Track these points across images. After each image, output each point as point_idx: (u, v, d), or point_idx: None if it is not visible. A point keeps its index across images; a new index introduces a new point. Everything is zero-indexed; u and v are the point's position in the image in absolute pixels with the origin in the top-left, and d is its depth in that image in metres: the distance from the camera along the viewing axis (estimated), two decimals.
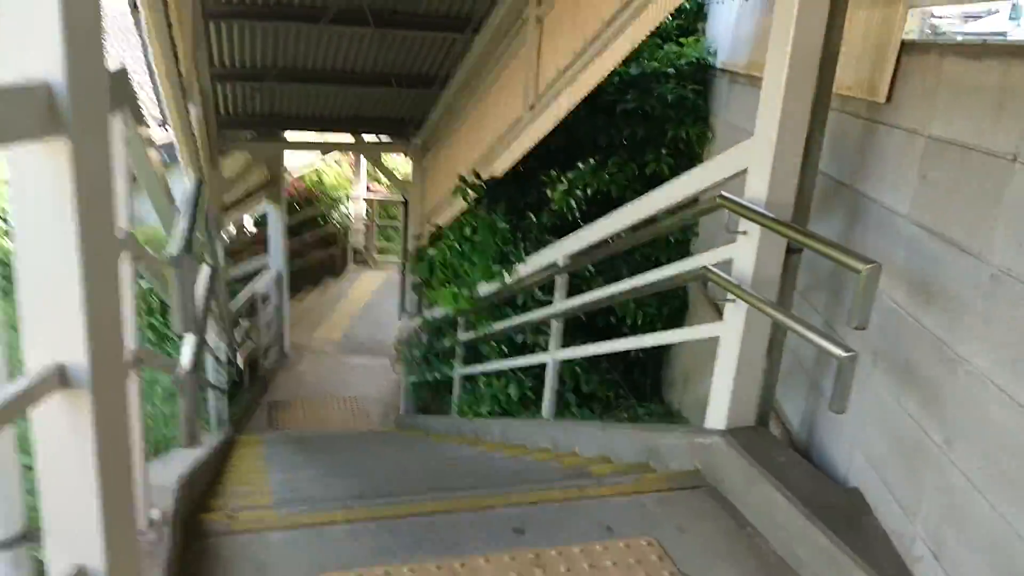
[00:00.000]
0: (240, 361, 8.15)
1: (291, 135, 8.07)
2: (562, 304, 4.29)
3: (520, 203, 5.81)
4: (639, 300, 5.19)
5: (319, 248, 14.46)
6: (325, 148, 8.79)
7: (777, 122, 2.48)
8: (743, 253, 2.70)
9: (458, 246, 5.78)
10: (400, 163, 16.25)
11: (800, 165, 2.57)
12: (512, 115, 5.14)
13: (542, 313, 4.70)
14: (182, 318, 1.58)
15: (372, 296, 13.21)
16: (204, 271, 3.49)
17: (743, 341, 2.71)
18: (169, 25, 3.31)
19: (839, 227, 2.99)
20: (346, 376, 10.16)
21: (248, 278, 11.13)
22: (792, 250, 2.70)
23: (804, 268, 2.82)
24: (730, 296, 2.73)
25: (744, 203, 2.59)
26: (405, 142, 7.64)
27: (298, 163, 14.66)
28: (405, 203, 8.28)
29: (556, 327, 4.41)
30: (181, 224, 1.76)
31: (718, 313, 4.72)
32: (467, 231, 5.72)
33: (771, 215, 2.51)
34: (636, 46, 3.74)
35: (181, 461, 3.49)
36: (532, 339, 5.53)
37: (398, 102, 7.12)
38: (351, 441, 6.45)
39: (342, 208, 14.94)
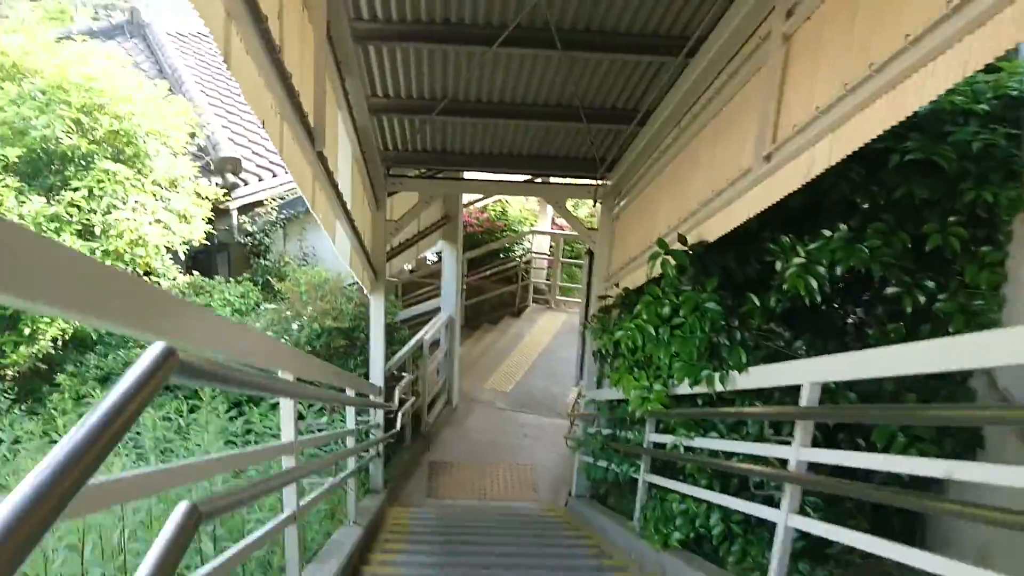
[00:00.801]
0: (400, 420, 7.37)
1: (467, 173, 7.21)
2: (804, 454, 2.90)
3: (738, 277, 4.45)
4: (912, 432, 3.65)
5: (499, 284, 13.73)
6: (502, 189, 7.75)
7: None
8: None
9: (653, 330, 4.51)
10: (587, 206, 15.15)
11: None
12: (736, 165, 3.82)
13: (771, 454, 3.32)
14: None
15: (551, 340, 12.20)
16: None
17: None
18: (275, 49, 2.37)
19: None
20: (516, 437, 9.16)
21: (419, 319, 10.53)
22: None
23: None
24: None
25: None
26: (593, 185, 6.49)
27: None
28: (590, 254, 7.14)
29: (792, 487, 3.02)
30: None
31: None
32: (665, 310, 4.44)
33: None
34: (965, 77, 2.34)
35: None
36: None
37: (587, 139, 6.01)
38: (505, 545, 5.35)
39: (525, 242, 14.13)
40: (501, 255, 13.98)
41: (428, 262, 14.16)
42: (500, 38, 4.23)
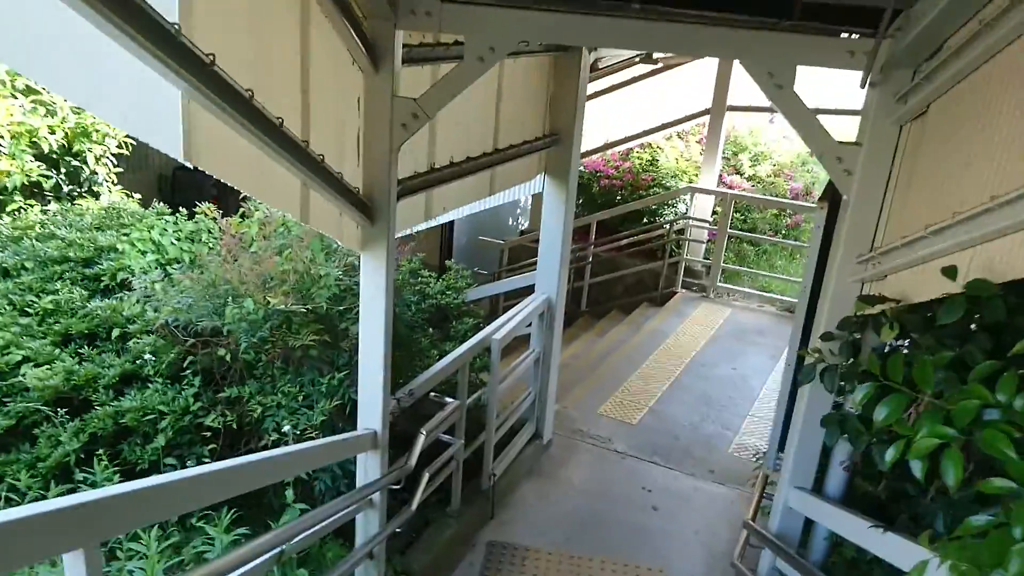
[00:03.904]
0: (420, 492, 3.95)
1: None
2: None
3: None
4: None
5: (639, 258, 10.00)
6: (665, 42, 3.46)
7: None
8: None
9: None
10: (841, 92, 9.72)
11: None
12: None
13: None
14: None
15: (706, 347, 8.35)
16: None
17: None
18: None
19: None
20: (639, 508, 5.52)
21: (511, 297, 7.11)
22: None
23: None
24: None
25: None
26: (870, 41, 2.71)
27: (619, 122, 10.22)
28: (831, 201, 3.29)
29: None
30: None
31: None
32: None
33: None
34: None
35: None
36: None
37: None
38: None
39: (680, 204, 10.25)
40: (645, 220, 10.20)
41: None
42: None
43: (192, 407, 3.64)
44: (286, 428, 3.36)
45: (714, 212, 10.12)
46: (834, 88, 8.43)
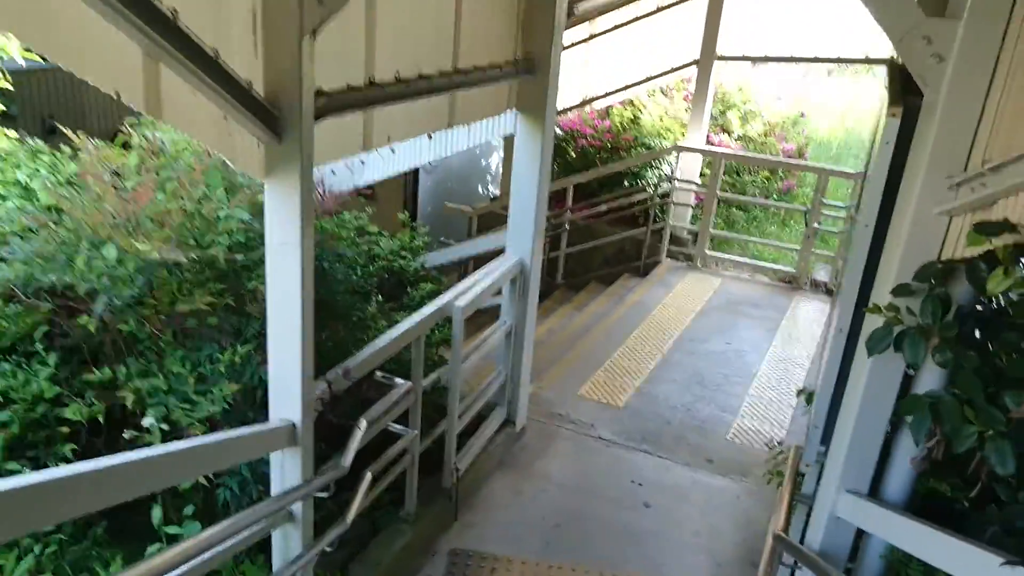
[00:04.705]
0: (359, 499, 3.09)
1: None
2: None
3: None
4: None
5: (619, 225, 9.17)
6: None
7: None
8: None
9: None
10: None
11: None
12: None
13: None
14: None
15: (696, 320, 7.55)
16: None
17: None
18: None
19: None
20: (629, 505, 4.73)
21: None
22: None
23: None
24: None
25: None
26: None
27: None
28: (907, 108, 2.45)
29: None
30: None
31: None
32: None
33: None
34: None
35: None
36: None
37: None
38: None
39: (665, 165, 9.42)
40: (626, 183, 9.36)
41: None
42: None
43: (48, 394, 2.73)
44: (148, 421, 2.46)
45: (702, 174, 9.30)
46: None
